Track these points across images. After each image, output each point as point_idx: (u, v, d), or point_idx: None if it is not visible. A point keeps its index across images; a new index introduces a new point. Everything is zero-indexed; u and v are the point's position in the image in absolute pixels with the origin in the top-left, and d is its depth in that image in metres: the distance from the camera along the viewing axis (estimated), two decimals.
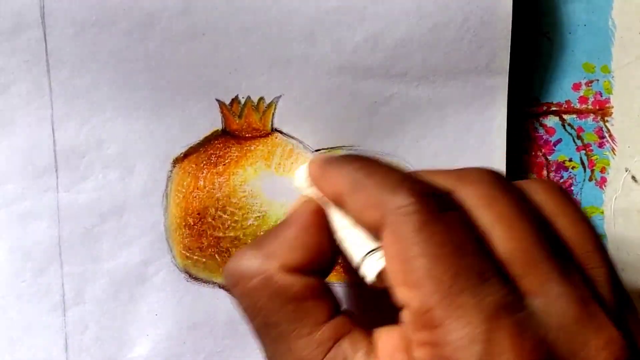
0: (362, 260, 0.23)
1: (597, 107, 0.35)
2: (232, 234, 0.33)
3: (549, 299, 0.20)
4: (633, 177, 0.35)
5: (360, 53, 0.32)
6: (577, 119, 0.35)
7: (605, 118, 0.35)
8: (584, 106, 0.35)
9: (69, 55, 0.30)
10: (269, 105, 0.32)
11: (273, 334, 0.23)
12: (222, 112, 0.32)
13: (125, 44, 0.31)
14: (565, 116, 0.35)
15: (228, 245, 0.33)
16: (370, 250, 0.23)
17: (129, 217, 0.32)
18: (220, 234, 0.33)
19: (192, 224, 0.33)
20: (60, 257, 0.32)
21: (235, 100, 0.32)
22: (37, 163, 0.31)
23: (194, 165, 0.32)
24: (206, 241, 0.33)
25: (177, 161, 0.32)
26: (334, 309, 0.24)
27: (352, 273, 0.32)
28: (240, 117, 0.32)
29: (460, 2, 0.31)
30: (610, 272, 0.23)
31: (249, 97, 0.32)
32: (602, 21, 0.34)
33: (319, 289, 0.24)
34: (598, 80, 0.35)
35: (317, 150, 0.33)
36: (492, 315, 0.19)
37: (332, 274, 0.26)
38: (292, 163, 0.33)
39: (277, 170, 0.33)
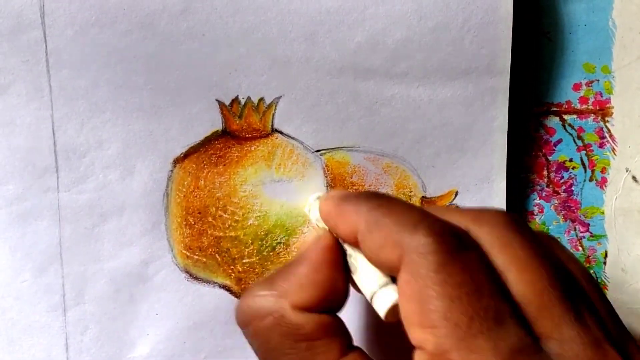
0: (375, 293, 0.23)
1: (598, 108, 0.35)
2: (232, 233, 0.33)
3: (563, 342, 0.20)
4: (633, 177, 0.35)
5: (360, 53, 0.32)
6: (578, 119, 0.35)
7: (606, 118, 0.35)
8: (584, 106, 0.35)
9: (69, 55, 0.30)
10: (269, 105, 0.32)
11: None
12: (222, 113, 0.32)
13: (125, 44, 0.31)
14: (565, 116, 0.35)
15: (228, 244, 0.33)
16: (384, 283, 0.23)
17: (130, 217, 0.32)
18: (221, 234, 0.33)
19: (193, 223, 0.33)
20: (60, 257, 0.32)
21: (235, 100, 0.32)
22: (37, 163, 0.31)
23: (194, 165, 0.32)
24: (207, 241, 0.33)
25: (177, 161, 0.32)
26: (346, 345, 0.24)
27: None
28: (240, 117, 0.32)
29: (461, 3, 0.31)
30: (608, 305, 0.23)
31: (249, 98, 0.32)
32: (603, 21, 0.34)
33: (332, 326, 0.24)
34: (598, 80, 0.34)
35: (317, 151, 0.33)
36: (508, 358, 0.19)
37: None
38: (292, 164, 0.33)
39: (277, 171, 0.33)
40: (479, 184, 0.34)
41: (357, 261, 0.25)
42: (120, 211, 0.32)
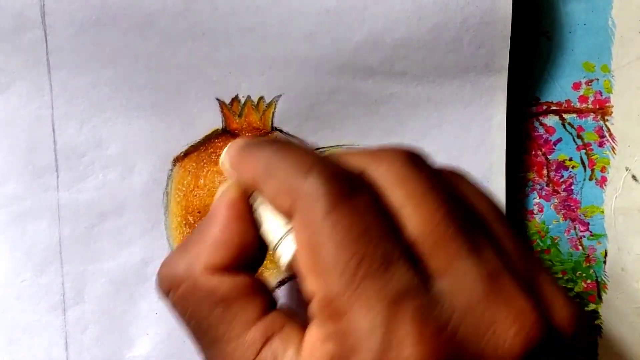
0: (276, 246, 0.22)
1: (597, 107, 0.35)
2: None
3: (457, 278, 0.20)
4: (633, 177, 0.35)
5: (360, 53, 0.32)
6: (577, 118, 0.35)
7: (605, 117, 0.35)
8: (584, 105, 0.35)
9: (69, 55, 0.30)
10: (269, 104, 0.32)
11: (206, 340, 0.22)
12: (222, 112, 0.32)
13: (126, 43, 0.31)
14: (565, 115, 0.35)
15: None
16: (284, 234, 0.22)
17: (130, 217, 0.32)
18: None
19: (193, 222, 0.33)
20: (60, 256, 0.32)
21: (235, 99, 0.32)
22: (37, 163, 0.31)
23: (194, 164, 0.32)
24: None
25: (177, 160, 0.32)
26: (266, 305, 0.23)
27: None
28: (240, 116, 0.32)
29: (460, 2, 0.31)
30: (517, 241, 0.22)
31: (249, 97, 0.32)
32: (602, 20, 0.34)
33: (249, 286, 0.23)
34: (598, 79, 0.35)
35: (317, 150, 0.33)
36: (393, 301, 0.19)
37: None
38: None
39: None
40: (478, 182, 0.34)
41: (260, 213, 0.23)
42: (120, 210, 0.32)
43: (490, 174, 0.34)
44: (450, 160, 0.34)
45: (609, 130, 0.35)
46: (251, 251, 0.23)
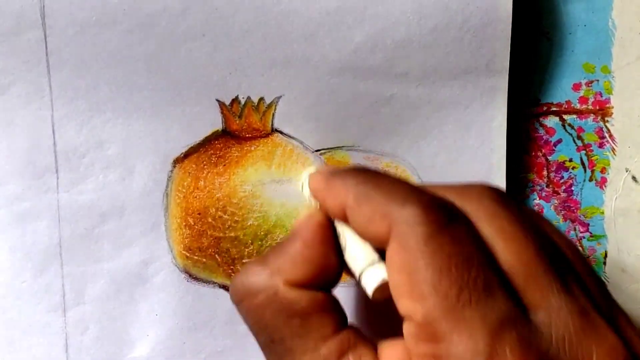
0: (363, 271, 0.23)
1: (597, 108, 0.35)
2: (232, 234, 0.33)
3: (551, 312, 0.20)
4: (633, 178, 0.35)
5: (360, 53, 0.32)
6: (578, 119, 0.35)
7: (606, 118, 0.35)
8: (584, 106, 0.35)
9: (69, 55, 0.30)
10: (269, 105, 0.32)
11: (279, 350, 0.23)
12: (222, 113, 0.32)
13: (126, 44, 0.31)
14: (565, 116, 0.35)
15: (228, 245, 0.33)
16: (372, 262, 0.23)
17: (129, 218, 0.32)
18: (221, 234, 0.33)
19: (193, 224, 0.33)
20: (60, 257, 0.32)
21: (235, 100, 0.32)
22: (37, 163, 0.31)
23: (194, 166, 0.32)
24: (206, 241, 0.33)
25: (177, 161, 0.32)
26: (340, 323, 0.24)
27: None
28: (240, 117, 0.32)
29: (461, 3, 0.31)
30: (597, 279, 0.23)
31: (249, 98, 0.32)
32: (602, 21, 0.34)
33: (325, 303, 0.24)
34: (598, 80, 0.35)
35: (317, 151, 0.33)
36: (496, 329, 0.19)
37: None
38: (292, 164, 0.33)
39: (278, 171, 0.33)
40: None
41: (346, 240, 0.25)
42: (120, 211, 0.32)
43: (490, 175, 0.34)
44: (450, 161, 0.34)
45: (609, 131, 0.35)
46: (332, 273, 0.25)
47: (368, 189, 0.23)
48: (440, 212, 0.21)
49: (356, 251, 0.24)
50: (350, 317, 0.26)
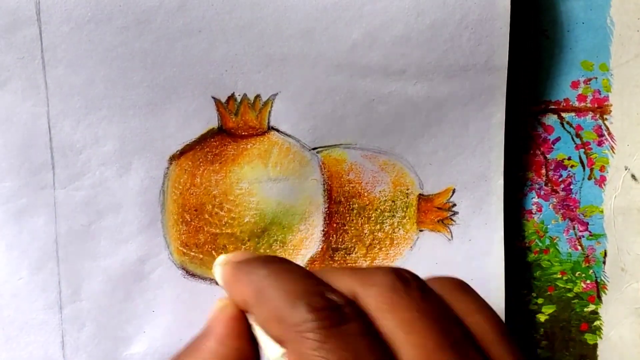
0: None
1: (596, 105, 0.35)
2: (229, 230, 0.33)
3: None
4: (633, 176, 0.35)
5: (358, 50, 0.32)
6: (576, 117, 0.35)
7: (604, 116, 0.35)
8: (582, 104, 0.35)
9: (64, 52, 0.30)
10: (266, 103, 0.32)
11: None
12: (218, 110, 0.32)
13: (121, 41, 0.30)
14: (563, 114, 0.35)
15: (225, 241, 0.33)
16: (280, 356, 0.23)
17: (126, 214, 0.32)
18: (217, 231, 0.33)
19: (189, 220, 0.33)
20: (57, 254, 0.32)
21: (231, 98, 0.32)
22: (33, 160, 0.31)
23: (190, 163, 0.32)
24: (203, 237, 0.33)
25: (173, 158, 0.32)
26: None
27: None
28: (236, 115, 0.32)
29: (459, 0, 0.31)
30: (515, 356, 0.22)
31: (245, 95, 0.32)
32: (601, 19, 0.34)
33: None
34: (597, 78, 0.34)
35: (314, 149, 0.33)
36: None
37: None
38: (288, 162, 0.33)
39: (274, 169, 0.33)
40: (476, 181, 0.34)
41: (256, 331, 0.24)
42: (116, 208, 0.32)
43: (488, 173, 0.34)
44: (448, 159, 0.33)
45: (607, 129, 0.35)
46: None
47: (266, 287, 0.22)
48: (331, 315, 0.21)
49: (265, 344, 0.23)
50: None
